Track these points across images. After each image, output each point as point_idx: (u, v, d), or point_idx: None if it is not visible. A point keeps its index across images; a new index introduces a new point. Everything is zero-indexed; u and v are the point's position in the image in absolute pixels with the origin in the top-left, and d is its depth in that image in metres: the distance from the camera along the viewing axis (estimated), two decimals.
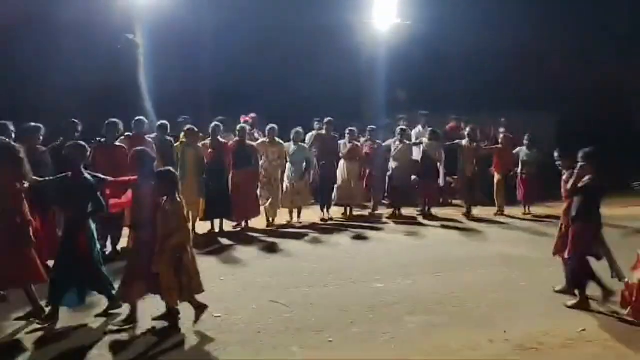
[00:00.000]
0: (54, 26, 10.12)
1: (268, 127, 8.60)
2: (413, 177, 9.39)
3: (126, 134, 6.91)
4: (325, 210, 9.19)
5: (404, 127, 9.82)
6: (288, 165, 8.74)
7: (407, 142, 9.59)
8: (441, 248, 7.25)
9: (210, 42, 12.67)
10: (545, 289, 5.30)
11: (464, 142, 9.64)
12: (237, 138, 8.14)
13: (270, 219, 8.53)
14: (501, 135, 10.26)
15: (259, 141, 8.58)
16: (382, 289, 5.38)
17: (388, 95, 12.92)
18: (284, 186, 8.71)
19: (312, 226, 8.63)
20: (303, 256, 6.69)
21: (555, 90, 14.07)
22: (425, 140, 9.72)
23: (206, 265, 6.24)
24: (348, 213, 9.42)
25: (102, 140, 6.43)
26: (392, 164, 9.37)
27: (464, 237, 8.01)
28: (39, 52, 10.07)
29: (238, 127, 8.29)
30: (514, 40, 13.06)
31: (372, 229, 8.46)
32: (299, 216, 8.85)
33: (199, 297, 4.40)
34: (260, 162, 8.31)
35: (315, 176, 8.96)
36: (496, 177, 9.85)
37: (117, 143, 6.60)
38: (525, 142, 9.93)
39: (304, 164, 8.64)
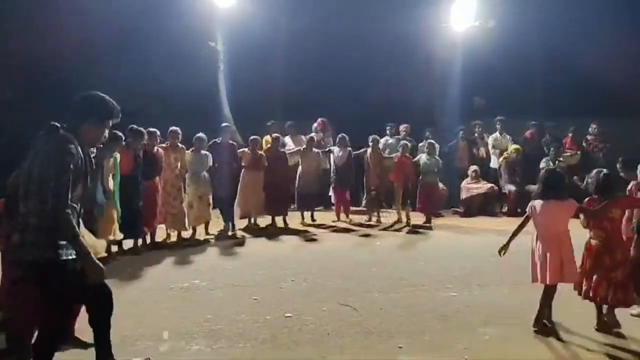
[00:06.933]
0: (143, 36, 10.76)
1: (170, 130, 7.58)
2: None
3: None
4: (228, 224, 8.28)
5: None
6: (188, 174, 7.79)
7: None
8: (516, 257, 6.89)
9: (284, 49, 12.96)
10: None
11: (369, 151, 9.35)
12: (144, 143, 7.04)
13: (174, 232, 7.66)
14: (401, 143, 9.56)
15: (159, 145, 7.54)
16: (455, 297, 5.22)
17: (464, 101, 12.57)
18: (188, 199, 7.75)
19: (377, 230, 8.61)
20: (372, 262, 6.62)
21: None
22: (335, 148, 9.52)
23: (277, 266, 6.40)
24: (253, 222, 8.74)
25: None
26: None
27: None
28: (130, 61, 10.73)
29: (146, 130, 7.06)
30: (602, 42, 12.23)
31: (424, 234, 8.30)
32: (206, 229, 8.08)
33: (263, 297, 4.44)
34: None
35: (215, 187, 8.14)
36: (396, 186, 9.31)
37: None
38: (425, 148, 9.41)
39: (205, 174, 7.87)
